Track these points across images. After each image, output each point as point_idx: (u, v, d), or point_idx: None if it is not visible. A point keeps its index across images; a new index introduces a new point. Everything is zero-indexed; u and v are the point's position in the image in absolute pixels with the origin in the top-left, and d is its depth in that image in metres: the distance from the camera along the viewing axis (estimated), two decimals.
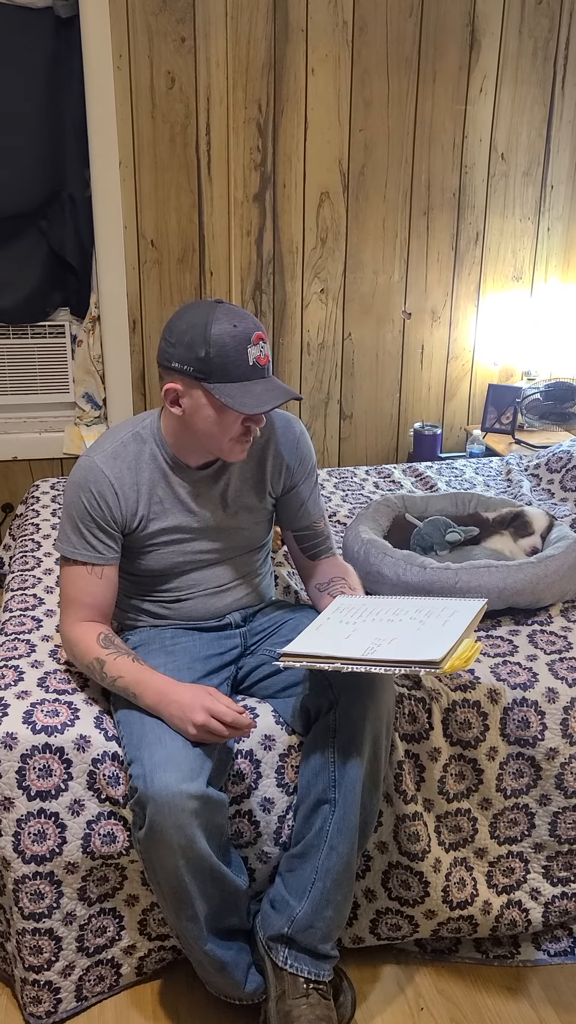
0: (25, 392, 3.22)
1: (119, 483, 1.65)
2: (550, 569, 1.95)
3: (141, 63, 2.87)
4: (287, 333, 3.26)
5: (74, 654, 1.66)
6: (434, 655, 1.42)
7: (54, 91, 2.91)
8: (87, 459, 1.66)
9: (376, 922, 1.77)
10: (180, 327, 1.56)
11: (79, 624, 1.65)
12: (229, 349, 1.53)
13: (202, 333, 1.53)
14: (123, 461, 1.66)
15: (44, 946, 1.61)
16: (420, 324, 3.36)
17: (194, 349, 1.54)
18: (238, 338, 1.53)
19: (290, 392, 1.57)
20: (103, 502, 1.64)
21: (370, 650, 1.47)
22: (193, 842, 1.46)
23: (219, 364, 1.53)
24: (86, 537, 1.64)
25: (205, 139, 2.99)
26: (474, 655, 1.49)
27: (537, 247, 3.36)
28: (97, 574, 1.65)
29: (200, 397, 1.57)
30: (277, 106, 3.00)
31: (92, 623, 1.66)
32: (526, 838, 1.80)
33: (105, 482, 1.64)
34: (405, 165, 3.16)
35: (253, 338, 1.55)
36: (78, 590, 1.66)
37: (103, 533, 1.65)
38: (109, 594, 1.68)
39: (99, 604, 1.67)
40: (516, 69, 3.12)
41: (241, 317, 1.55)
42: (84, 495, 1.64)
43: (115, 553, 1.67)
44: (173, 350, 1.57)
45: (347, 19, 2.95)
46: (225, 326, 1.53)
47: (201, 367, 1.54)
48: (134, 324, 3.13)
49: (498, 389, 3.35)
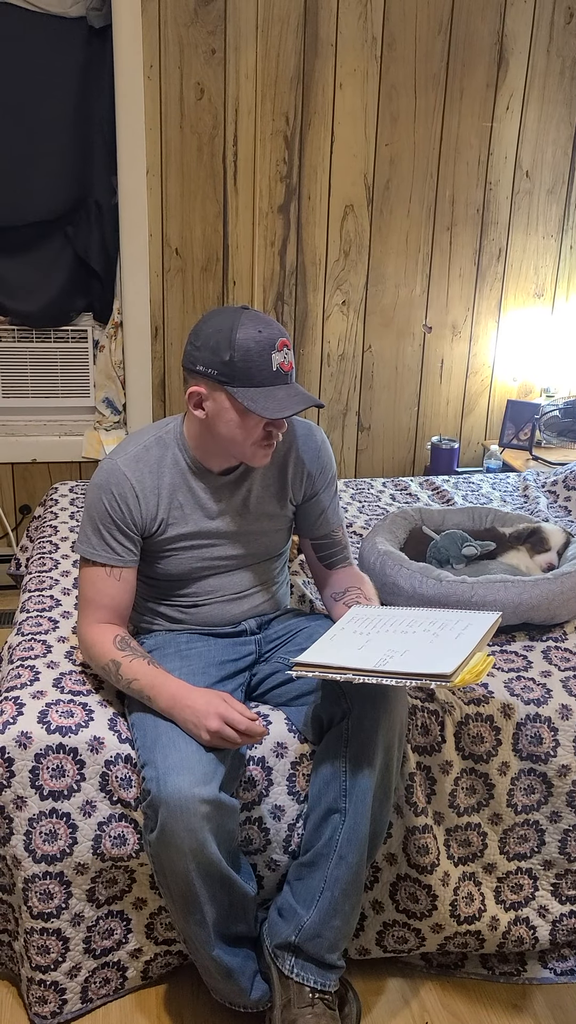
0: (46, 395, 3.24)
1: (140, 486, 1.66)
2: (566, 586, 1.95)
3: (171, 73, 2.90)
4: (308, 344, 3.27)
5: (90, 655, 1.67)
6: (445, 668, 1.42)
7: (85, 99, 2.95)
8: (110, 462, 1.67)
9: (383, 934, 1.76)
10: (206, 331, 1.58)
11: (96, 626, 1.66)
12: (253, 354, 1.54)
13: (227, 337, 1.55)
14: (145, 465, 1.67)
15: (51, 946, 1.62)
16: (440, 338, 3.37)
17: (219, 353, 1.55)
18: (263, 343, 1.55)
19: (312, 399, 1.58)
20: (123, 504, 1.65)
21: (382, 662, 1.47)
22: (204, 846, 1.46)
23: (243, 368, 1.55)
24: (105, 539, 1.65)
25: (232, 150, 3.01)
26: (486, 669, 1.49)
27: (559, 265, 3.37)
28: (116, 576, 1.66)
29: (223, 401, 1.59)
30: (304, 119, 3.03)
31: (109, 625, 1.66)
32: (536, 855, 1.79)
33: (126, 485, 1.65)
34: (430, 180, 3.17)
35: (278, 344, 1.56)
36: (96, 591, 1.67)
37: (122, 536, 1.66)
38: (127, 596, 1.69)
39: (116, 606, 1.68)
40: (543, 88, 3.14)
41: (267, 323, 1.57)
42: (105, 497, 1.65)
43: (134, 556, 1.68)
44: (198, 353, 1.58)
45: (376, 35, 2.98)
46: (250, 331, 1.55)
47: (225, 371, 1.56)
48: (156, 331, 3.15)
49: (517, 405, 3.35)
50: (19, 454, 3.21)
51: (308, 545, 1.85)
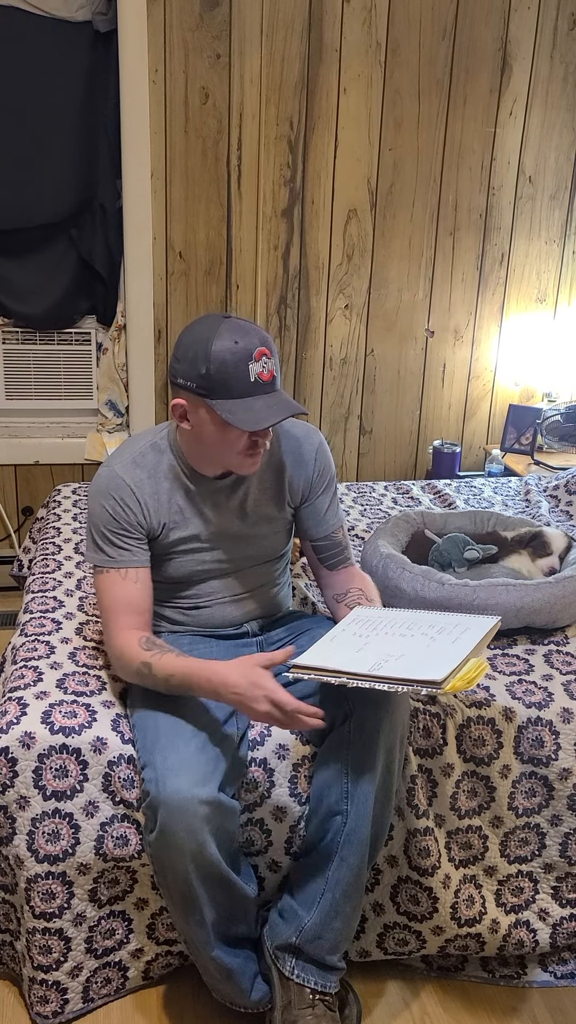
0: (49, 397, 3.25)
1: (140, 491, 1.66)
2: (568, 590, 1.96)
3: (176, 78, 2.91)
4: (310, 347, 3.28)
5: (121, 665, 1.63)
6: (436, 675, 1.42)
7: (90, 103, 2.96)
8: (107, 468, 1.67)
9: (383, 936, 1.77)
10: (185, 343, 1.58)
11: (121, 633, 1.62)
12: (229, 366, 1.53)
13: (204, 350, 1.54)
14: (143, 470, 1.68)
15: (53, 946, 1.62)
16: (443, 343, 3.38)
17: (196, 366, 1.55)
18: (238, 355, 1.53)
19: (294, 407, 1.57)
20: (126, 507, 1.65)
21: (377, 666, 1.47)
22: (203, 847, 1.47)
23: (220, 381, 1.54)
24: (114, 542, 1.65)
25: (236, 154, 3.03)
26: (479, 676, 1.48)
27: (562, 270, 3.37)
28: (132, 577, 1.65)
29: (204, 413, 1.58)
30: (308, 124, 3.04)
31: (133, 631, 1.63)
32: (536, 858, 1.79)
33: (126, 489, 1.65)
34: (433, 185, 3.18)
35: (255, 354, 1.54)
36: (113, 598, 1.65)
37: (129, 538, 1.65)
38: (145, 597, 1.67)
39: (137, 609, 1.65)
40: (546, 94, 3.15)
41: (244, 332, 1.55)
42: (107, 503, 1.65)
43: (145, 554, 1.67)
44: (179, 366, 1.58)
45: (380, 40, 2.99)
46: (226, 343, 1.53)
47: (203, 383, 1.55)
48: (159, 334, 3.16)
49: (518, 410, 3.36)
50: (22, 456, 3.22)
51: (309, 547, 1.86)
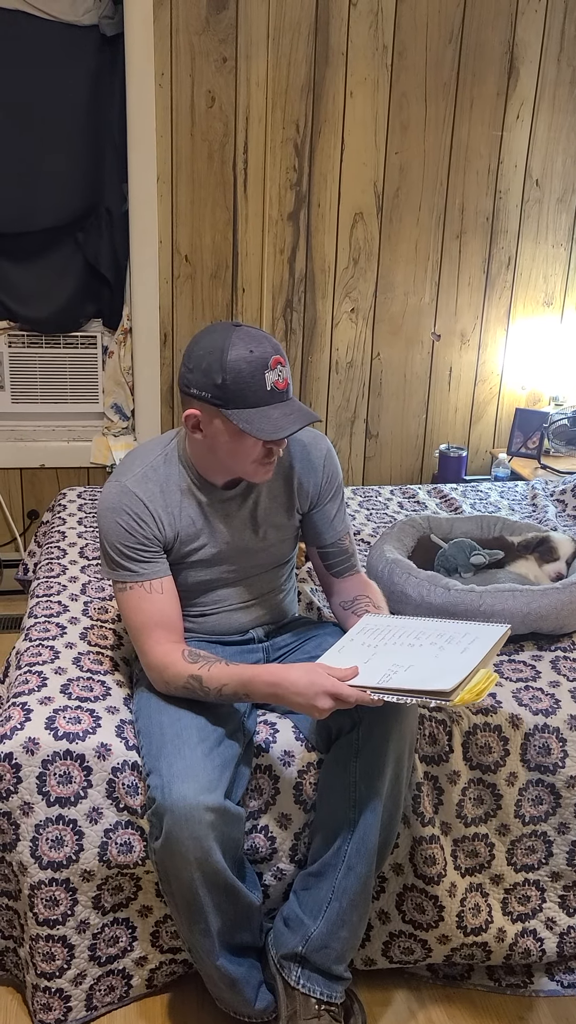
0: (55, 401, 3.25)
1: (152, 504, 1.64)
2: (575, 595, 1.95)
3: (182, 82, 2.91)
4: (316, 351, 3.28)
5: (165, 679, 1.60)
6: (445, 686, 1.41)
7: (96, 106, 2.96)
8: (117, 483, 1.65)
9: (389, 944, 1.76)
10: (198, 352, 1.55)
11: (158, 648, 1.60)
12: (246, 375, 1.51)
13: (219, 359, 1.52)
14: (154, 484, 1.65)
15: (57, 953, 1.61)
16: (449, 346, 3.37)
17: (211, 376, 1.53)
18: (254, 364, 1.52)
19: (310, 415, 1.56)
20: (140, 521, 1.62)
21: (386, 677, 1.46)
22: (209, 855, 1.46)
23: (236, 390, 1.52)
24: (132, 556, 1.62)
25: (242, 158, 3.02)
26: (488, 687, 1.46)
27: (569, 274, 3.36)
28: (157, 589, 1.62)
29: (220, 423, 1.56)
30: (315, 127, 3.04)
31: (170, 644, 1.61)
32: (543, 866, 1.78)
33: (138, 503, 1.63)
34: (439, 188, 3.18)
35: (270, 363, 1.53)
36: (141, 613, 1.62)
37: (146, 550, 1.63)
38: (173, 607, 1.64)
39: (167, 620, 1.63)
40: (553, 97, 3.14)
41: (258, 341, 1.53)
42: (120, 518, 1.62)
43: (164, 564, 1.65)
44: (192, 376, 1.56)
45: (387, 44, 2.99)
46: (241, 351, 1.51)
47: (219, 393, 1.53)
48: (165, 337, 3.16)
49: (525, 414, 3.35)
50: (27, 459, 3.22)
51: (315, 553, 1.85)
